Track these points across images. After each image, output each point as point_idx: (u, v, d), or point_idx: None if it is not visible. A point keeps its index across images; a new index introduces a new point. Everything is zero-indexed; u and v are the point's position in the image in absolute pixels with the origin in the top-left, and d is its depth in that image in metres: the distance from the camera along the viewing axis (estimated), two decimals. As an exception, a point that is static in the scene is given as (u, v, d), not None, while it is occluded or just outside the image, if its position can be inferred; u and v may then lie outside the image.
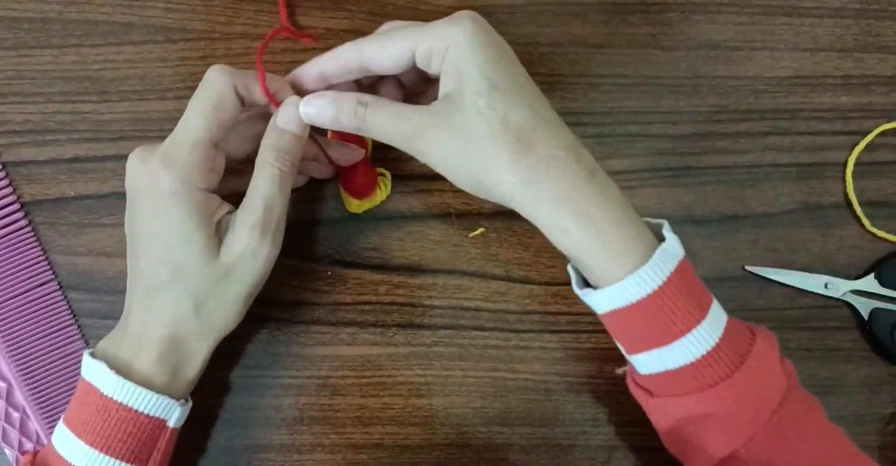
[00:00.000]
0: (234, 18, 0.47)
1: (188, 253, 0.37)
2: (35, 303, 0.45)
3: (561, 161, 0.35)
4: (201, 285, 0.38)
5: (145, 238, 0.38)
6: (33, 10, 0.47)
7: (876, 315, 0.46)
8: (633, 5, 0.48)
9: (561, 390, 0.46)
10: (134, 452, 0.37)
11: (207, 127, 0.37)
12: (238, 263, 0.38)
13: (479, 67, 0.35)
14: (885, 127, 0.47)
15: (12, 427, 0.45)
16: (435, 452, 0.45)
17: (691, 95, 0.47)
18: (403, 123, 0.37)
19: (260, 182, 0.38)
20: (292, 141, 0.39)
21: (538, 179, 0.35)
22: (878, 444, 0.46)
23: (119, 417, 0.37)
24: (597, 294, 0.36)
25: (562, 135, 0.36)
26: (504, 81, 0.36)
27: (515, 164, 0.35)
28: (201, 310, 0.38)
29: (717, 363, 0.35)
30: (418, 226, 0.46)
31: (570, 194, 0.35)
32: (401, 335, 0.46)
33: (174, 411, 0.38)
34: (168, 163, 0.37)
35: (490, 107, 0.35)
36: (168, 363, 0.38)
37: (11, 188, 0.46)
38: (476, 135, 0.35)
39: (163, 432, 0.39)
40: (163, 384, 0.38)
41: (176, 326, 0.38)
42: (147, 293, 0.38)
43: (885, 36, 0.48)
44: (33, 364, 0.45)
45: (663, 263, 0.35)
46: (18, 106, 0.46)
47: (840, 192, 0.47)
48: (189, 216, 0.37)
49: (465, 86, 0.35)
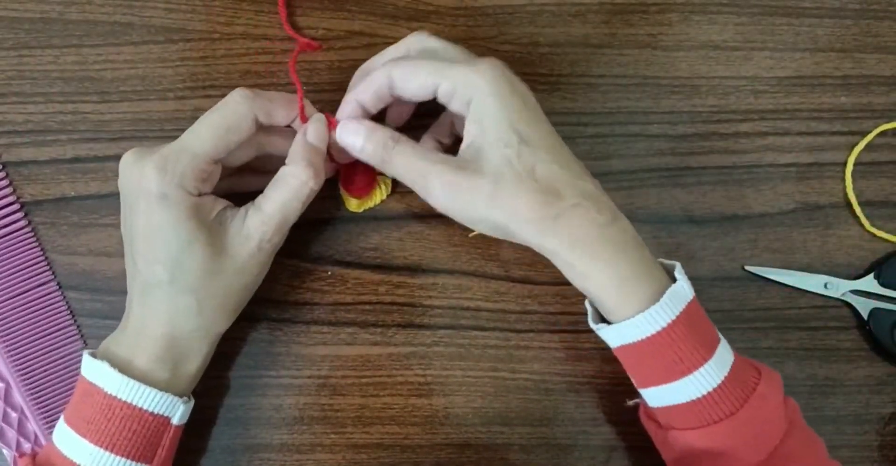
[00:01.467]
0: (235, 19, 0.47)
1: (188, 252, 0.37)
2: (34, 303, 0.45)
3: (582, 209, 0.37)
4: (203, 283, 0.38)
5: (140, 237, 0.38)
6: (33, 10, 0.47)
7: (875, 315, 0.46)
8: (633, 5, 0.48)
9: (561, 390, 0.46)
10: (139, 449, 0.38)
11: (214, 144, 0.38)
12: (245, 258, 0.38)
13: (507, 119, 0.37)
14: (884, 127, 0.47)
15: (10, 428, 0.45)
16: (435, 452, 0.45)
17: (691, 95, 0.47)
18: (428, 164, 0.37)
19: (284, 192, 0.38)
20: (320, 157, 0.39)
21: (561, 226, 0.37)
22: (878, 444, 0.46)
23: (123, 415, 0.37)
24: (609, 329, 0.38)
25: (584, 184, 0.38)
26: (531, 134, 0.37)
27: (541, 213, 0.36)
28: (203, 307, 0.38)
29: (720, 401, 0.37)
30: (418, 226, 0.46)
31: (590, 240, 0.37)
32: (401, 335, 0.46)
33: (178, 408, 0.39)
34: (163, 167, 0.37)
35: (519, 159, 0.36)
36: (168, 361, 0.38)
37: (11, 189, 0.46)
38: (504, 185, 0.36)
39: (167, 429, 0.39)
40: (163, 380, 0.38)
41: (176, 323, 0.38)
42: (145, 292, 0.38)
43: (885, 36, 0.48)
44: (32, 365, 0.45)
45: (672, 304, 0.36)
46: (19, 106, 0.46)
47: (840, 192, 0.47)
48: (185, 218, 0.37)
49: (493, 137, 0.37)
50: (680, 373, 0.37)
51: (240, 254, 0.38)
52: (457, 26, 0.47)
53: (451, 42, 0.40)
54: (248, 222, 0.38)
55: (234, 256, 0.38)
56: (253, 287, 0.41)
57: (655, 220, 0.46)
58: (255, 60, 0.47)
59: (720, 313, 0.46)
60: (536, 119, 0.38)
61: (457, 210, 0.38)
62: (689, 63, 0.48)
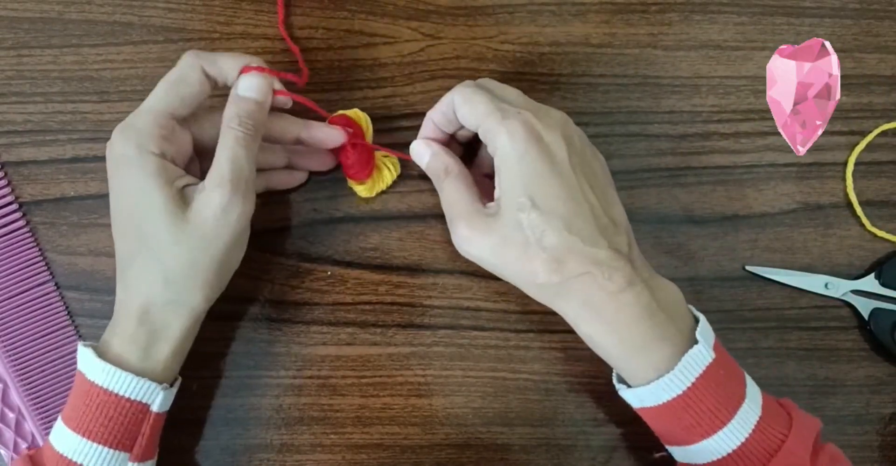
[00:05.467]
0: (234, 18, 0.47)
1: (150, 216, 0.37)
2: (33, 303, 0.45)
3: (591, 278, 0.37)
4: (169, 249, 0.37)
5: (114, 212, 0.39)
6: (33, 10, 0.47)
7: (876, 315, 0.46)
8: (634, 5, 0.48)
9: (561, 390, 0.46)
10: (117, 437, 0.37)
11: (165, 97, 0.38)
12: (210, 222, 0.37)
13: (523, 182, 0.37)
14: (885, 127, 0.47)
15: (8, 428, 0.45)
16: (435, 452, 0.45)
17: (692, 94, 0.47)
18: (458, 209, 0.39)
19: (225, 144, 0.38)
20: (253, 107, 0.39)
21: (568, 294, 0.37)
22: (878, 444, 0.46)
23: (100, 401, 0.37)
24: (627, 392, 0.39)
25: (597, 251, 0.37)
26: (546, 200, 0.37)
27: (545, 280, 0.37)
28: (170, 276, 0.37)
29: (743, 461, 0.36)
30: (418, 226, 0.46)
31: (598, 308, 0.37)
32: (401, 335, 0.46)
33: (156, 394, 0.38)
34: (123, 128, 0.38)
35: (529, 225, 0.37)
36: (140, 339, 0.38)
37: (10, 188, 0.46)
38: (511, 246, 0.37)
39: (146, 417, 0.38)
40: (135, 360, 0.37)
41: (146, 297, 0.38)
42: (122, 269, 0.39)
43: (885, 36, 0.48)
44: (30, 365, 0.45)
45: (690, 369, 0.36)
46: (18, 106, 0.46)
47: (840, 192, 0.47)
48: (144, 178, 0.37)
49: (508, 197, 0.37)
50: (699, 436, 0.36)
51: (203, 221, 0.37)
52: (457, 26, 0.47)
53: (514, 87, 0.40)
54: (206, 184, 0.38)
55: (197, 224, 0.37)
56: (226, 261, 0.39)
57: (655, 220, 0.46)
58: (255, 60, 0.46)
59: (721, 313, 0.46)
60: (558, 183, 0.37)
61: (472, 258, 0.39)
62: (689, 63, 0.48)
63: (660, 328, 0.37)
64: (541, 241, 0.37)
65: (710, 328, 0.38)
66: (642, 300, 0.37)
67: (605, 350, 0.38)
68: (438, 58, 0.47)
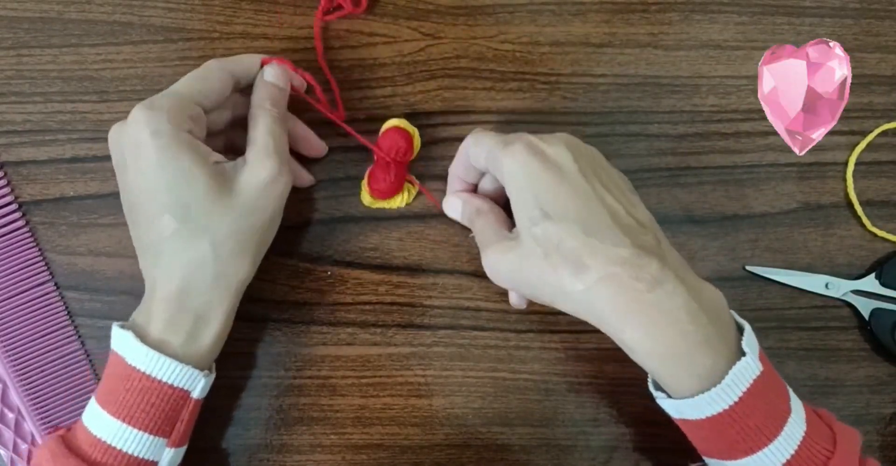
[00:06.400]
0: (234, 18, 0.47)
1: (194, 190, 0.37)
2: (32, 303, 0.45)
3: (618, 278, 0.35)
4: (215, 222, 0.37)
5: (142, 194, 0.37)
6: (33, 9, 0.47)
7: (876, 315, 0.46)
8: (634, 5, 0.48)
9: (561, 390, 0.46)
10: (157, 423, 0.37)
11: (192, 87, 0.39)
12: (256, 194, 0.38)
13: (531, 194, 0.37)
14: (885, 127, 0.47)
15: (7, 428, 0.45)
16: (435, 452, 0.45)
17: (692, 94, 0.47)
18: (487, 241, 0.40)
19: (262, 122, 0.40)
20: (278, 92, 0.41)
21: (595, 298, 0.35)
22: (878, 444, 0.46)
23: (142, 387, 0.36)
24: (667, 402, 0.37)
25: (619, 250, 0.35)
26: (556, 208, 0.36)
27: (571, 286, 0.36)
28: (220, 250, 0.37)
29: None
30: (418, 226, 0.46)
31: (630, 310, 0.35)
32: (401, 335, 0.46)
33: (198, 381, 0.38)
34: (150, 106, 0.37)
35: (545, 236, 0.36)
36: (185, 324, 0.37)
37: (10, 188, 0.46)
38: (534, 261, 0.36)
39: (186, 403, 0.38)
40: (179, 346, 0.37)
41: (192, 276, 0.37)
42: (156, 251, 0.37)
43: (885, 36, 0.48)
44: (29, 365, 0.45)
45: (736, 383, 0.34)
46: (18, 106, 0.46)
47: (840, 192, 0.47)
48: (183, 151, 0.37)
49: (521, 215, 0.37)
50: (743, 452, 0.35)
51: (250, 193, 0.38)
52: (457, 26, 0.47)
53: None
54: (249, 158, 0.39)
55: (244, 195, 0.38)
56: (269, 231, 0.40)
57: (656, 220, 0.46)
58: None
59: (721, 313, 0.46)
60: (568, 189, 0.36)
61: (507, 286, 0.41)
62: (689, 62, 0.48)
63: (701, 332, 0.35)
64: (559, 248, 0.36)
65: (755, 338, 0.36)
66: (677, 300, 0.35)
67: (642, 358, 0.36)
68: (438, 58, 0.47)
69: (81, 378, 0.46)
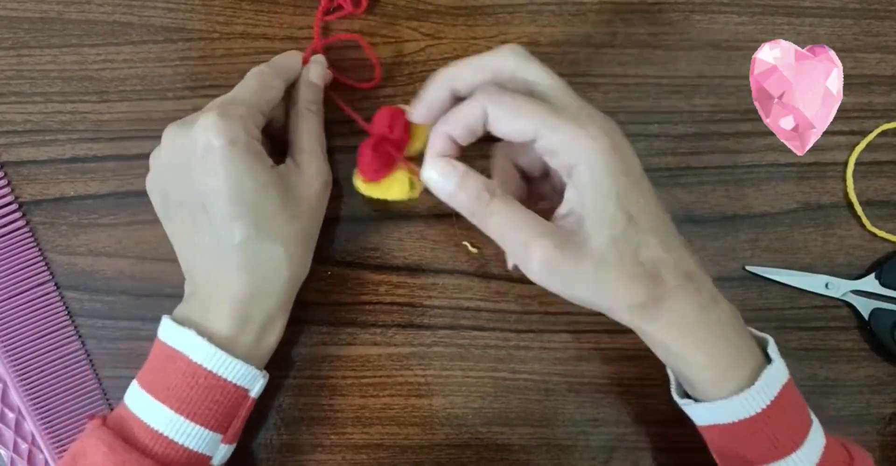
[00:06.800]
0: (234, 18, 0.47)
1: (267, 199, 0.38)
2: (32, 303, 0.45)
3: (685, 291, 0.35)
4: (287, 229, 0.39)
5: (211, 198, 0.37)
6: (33, 10, 0.47)
7: (876, 315, 0.46)
8: (634, 5, 0.48)
9: (561, 390, 0.46)
10: (217, 419, 0.38)
11: (258, 94, 0.40)
12: (316, 200, 0.41)
13: (616, 197, 0.33)
14: (885, 127, 0.47)
15: (7, 428, 0.45)
16: (435, 452, 0.45)
17: (691, 95, 0.47)
18: (529, 236, 0.34)
19: (309, 125, 0.42)
20: (320, 92, 0.43)
21: (663, 310, 0.35)
22: (878, 444, 0.46)
23: (208, 385, 0.37)
24: (698, 408, 0.37)
25: (685, 262, 0.35)
26: (640, 214, 0.34)
27: (644, 299, 0.34)
28: (292, 254, 0.39)
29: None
30: (418, 226, 0.46)
31: (691, 322, 0.35)
32: (401, 335, 0.46)
33: (257, 381, 0.39)
34: (224, 114, 0.37)
35: (625, 239, 0.34)
36: (254, 326, 0.38)
37: (10, 188, 0.46)
38: (607, 268, 0.34)
39: (245, 401, 0.39)
40: (246, 346, 0.38)
41: (262, 280, 0.38)
42: (222, 255, 0.37)
43: (885, 36, 0.48)
44: (29, 365, 0.45)
45: (769, 387, 0.35)
46: (18, 106, 0.46)
47: (840, 192, 0.47)
48: (257, 162, 0.38)
49: (598, 213, 0.33)
50: (772, 458, 0.35)
51: (309, 195, 0.40)
52: (457, 26, 0.47)
53: (556, 74, 0.36)
54: (301, 164, 0.41)
55: (303, 198, 0.40)
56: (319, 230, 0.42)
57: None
58: (255, 60, 0.46)
59: (721, 313, 0.46)
60: (645, 196, 0.35)
61: (555, 287, 0.35)
62: (689, 63, 0.48)
63: (745, 345, 0.36)
64: (636, 256, 0.34)
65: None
66: (728, 315, 0.36)
67: (692, 369, 0.36)
68: (438, 58, 0.47)
69: (81, 378, 0.46)
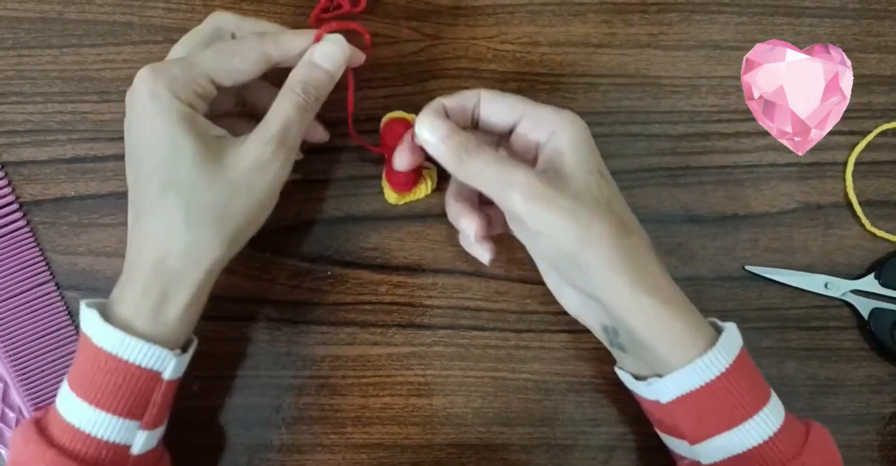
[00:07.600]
0: (234, 18, 0.47)
1: (182, 159, 0.36)
2: (33, 303, 0.45)
3: (646, 250, 0.38)
4: (198, 192, 0.36)
5: (136, 151, 0.37)
6: (33, 10, 0.47)
7: (876, 315, 0.46)
8: (633, 5, 0.48)
9: (561, 390, 0.46)
10: (126, 406, 0.35)
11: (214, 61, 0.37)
12: (244, 174, 0.36)
13: (592, 153, 0.38)
14: (885, 127, 0.47)
15: (8, 428, 0.45)
16: (435, 452, 0.45)
17: (692, 94, 0.47)
18: (511, 174, 0.36)
19: (281, 106, 0.38)
20: (323, 77, 0.39)
21: (628, 262, 0.37)
22: (878, 444, 0.46)
23: (108, 368, 0.35)
24: (666, 381, 0.37)
25: (640, 227, 0.39)
26: (608, 179, 0.39)
27: (615, 243, 0.36)
28: (193, 221, 0.36)
29: (782, 444, 0.36)
30: (418, 226, 0.46)
31: (652, 279, 0.37)
32: (401, 335, 0.46)
33: (168, 362, 0.36)
34: (156, 68, 0.36)
35: (598, 188, 0.38)
36: (151, 297, 0.36)
37: (11, 188, 0.46)
38: (583, 201, 0.37)
39: (157, 385, 0.36)
40: (146, 323, 0.36)
41: (165, 244, 0.36)
42: (139, 215, 0.37)
43: (885, 36, 0.48)
44: (30, 364, 0.45)
45: (729, 346, 0.37)
46: (18, 106, 0.46)
47: (840, 192, 0.47)
48: (174, 121, 0.36)
49: (576, 162, 0.37)
50: (741, 417, 0.36)
51: (238, 171, 0.36)
52: (457, 26, 0.47)
53: None
54: (250, 137, 0.37)
55: (232, 172, 0.36)
56: (254, 216, 0.38)
57: (655, 220, 0.46)
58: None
59: (721, 313, 0.45)
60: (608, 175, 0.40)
61: (535, 218, 0.36)
62: (689, 63, 0.48)
63: (698, 316, 0.38)
64: (609, 204, 0.37)
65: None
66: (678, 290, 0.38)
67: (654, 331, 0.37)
68: (438, 58, 0.47)
69: (82, 378, 0.46)
